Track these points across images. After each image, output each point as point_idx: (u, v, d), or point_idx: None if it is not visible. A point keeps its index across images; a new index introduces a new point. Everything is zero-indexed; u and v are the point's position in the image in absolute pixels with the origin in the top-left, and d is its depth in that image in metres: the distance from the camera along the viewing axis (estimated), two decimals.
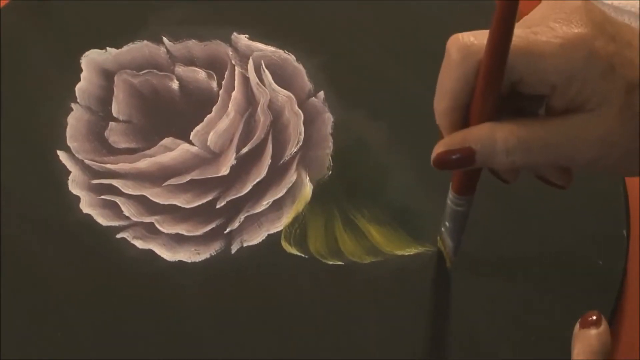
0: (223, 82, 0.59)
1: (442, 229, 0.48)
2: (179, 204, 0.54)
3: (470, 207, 0.45)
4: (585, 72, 0.37)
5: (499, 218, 0.53)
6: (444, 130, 0.41)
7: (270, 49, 0.60)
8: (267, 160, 0.56)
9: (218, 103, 0.58)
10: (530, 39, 0.38)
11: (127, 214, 0.54)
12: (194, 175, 0.55)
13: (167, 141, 0.57)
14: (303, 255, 0.52)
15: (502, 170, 0.43)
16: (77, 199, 0.54)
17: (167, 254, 0.52)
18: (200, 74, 0.60)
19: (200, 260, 0.52)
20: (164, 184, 0.55)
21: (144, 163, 0.56)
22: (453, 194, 0.44)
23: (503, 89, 0.39)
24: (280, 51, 0.60)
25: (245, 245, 0.52)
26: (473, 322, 0.49)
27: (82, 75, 0.60)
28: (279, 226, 0.53)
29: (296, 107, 0.58)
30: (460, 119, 0.40)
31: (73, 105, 0.59)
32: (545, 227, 0.52)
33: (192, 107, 0.58)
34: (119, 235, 0.53)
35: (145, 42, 0.61)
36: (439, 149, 0.40)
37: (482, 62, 0.38)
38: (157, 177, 0.55)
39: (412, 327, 0.49)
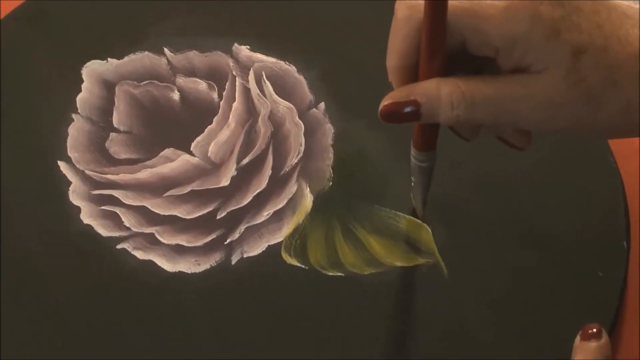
0: (224, 93, 0.59)
1: (412, 185, 0.49)
2: (180, 215, 0.54)
3: (433, 162, 0.46)
4: (528, 35, 0.38)
5: (500, 229, 0.53)
6: (396, 87, 0.42)
7: (271, 60, 0.61)
8: (267, 171, 0.56)
9: (219, 114, 0.58)
10: (475, 1, 0.38)
11: (127, 225, 0.54)
12: (195, 186, 0.55)
13: (168, 152, 0.57)
14: (303, 267, 0.52)
15: (458, 128, 0.44)
16: (78, 209, 0.55)
17: (168, 265, 0.52)
18: (201, 85, 0.60)
19: (200, 271, 0.52)
20: (164, 195, 0.55)
21: (144, 174, 0.56)
22: (414, 150, 0.45)
23: (453, 49, 0.40)
24: (281, 62, 0.60)
25: (245, 256, 0.52)
26: (473, 333, 0.49)
27: (83, 85, 0.60)
28: (279, 237, 0.53)
29: (297, 118, 0.58)
30: (411, 77, 0.41)
31: (74, 115, 0.59)
32: (545, 238, 0.52)
33: (193, 118, 0.58)
34: (119, 246, 0.53)
35: (146, 53, 0.61)
36: (385, 101, 0.41)
37: (423, 23, 0.38)
38: (157, 187, 0.55)
39: (412, 339, 0.49)
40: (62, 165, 0.56)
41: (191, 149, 0.57)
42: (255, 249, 0.53)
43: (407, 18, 0.40)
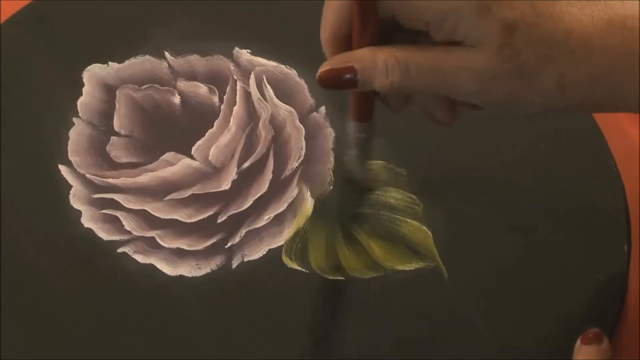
0: (224, 97, 0.59)
1: (347, 157, 0.49)
2: (180, 219, 0.54)
3: (372, 133, 0.46)
4: (458, 11, 0.38)
5: (500, 235, 0.53)
6: (329, 58, 0.43)
7: (272, 64, 0.61)
8: (268, 175, 0.56)
9: (219, 118, 0.58)
10: None
11: (128, 229, 0.54)
12: (195, 189, 0.55)
13: (169, 156, 0.57)
14: (304, 270, 0.52)
15: (389, 98, 0.44)
16: (79, 213, 0.55)
17: (168, 269, 0.52)
18: (202, 89, 0.60)
19: (201, 274, 0.52)
20: (165, 199, 0.55)
21: (145, 177, 0.56)
22: (352, 121, 0.46)
23: (385, 22, 0.40)
24: (282, 66, 0.60)
25: (246, 260, 0.52)
26: (473, 337, 0.49)
27: (84, 89, 0.60)
28: (279, 241, 0.53)
29: (297, 122, 0.58)
30: (344, 48, 0.42)
31: (75, 119, 0.59)
32: (545, 241, 0.52)
33: (194, 121, 0.58)
34: (120, 250, 0.53)
35: (147, 56, 0.61)
36: (323, 67, 0.42)
37: None
38: (158, 191, 0.55)
39: (413, 342, 0.49)
40: (62, 169, 0.56)
41: (192, 152, 0.57)
42: (255, 253, 0.53)
43: None
